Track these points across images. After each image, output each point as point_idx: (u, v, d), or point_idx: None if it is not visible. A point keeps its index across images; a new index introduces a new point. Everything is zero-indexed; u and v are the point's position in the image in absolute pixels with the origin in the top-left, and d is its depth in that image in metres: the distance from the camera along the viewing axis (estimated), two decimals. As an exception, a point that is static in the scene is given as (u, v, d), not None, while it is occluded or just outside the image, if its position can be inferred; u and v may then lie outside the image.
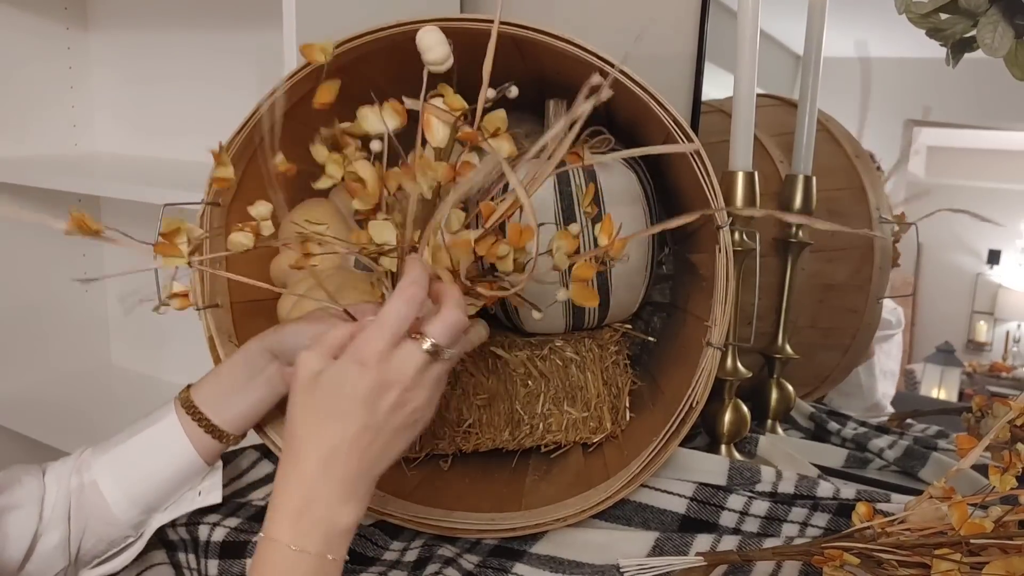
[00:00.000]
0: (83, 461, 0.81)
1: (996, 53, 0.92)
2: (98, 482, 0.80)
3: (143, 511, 0.83)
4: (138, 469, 0.81)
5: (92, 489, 0.80)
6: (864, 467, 1.07)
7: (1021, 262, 1.06)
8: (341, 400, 0.57)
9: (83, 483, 0.80)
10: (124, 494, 0.81)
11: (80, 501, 0.80)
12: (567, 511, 0.87)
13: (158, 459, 0.81)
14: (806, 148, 1.07)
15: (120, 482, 0.81)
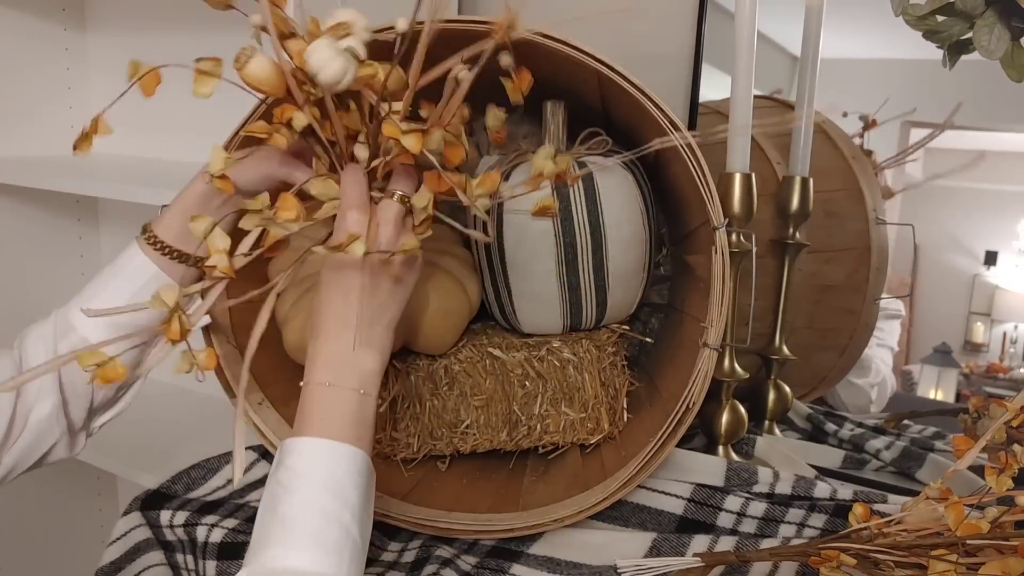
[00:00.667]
0: (63, 323, 0.81)
1: (992, 55, 0.92)
2: (89, 338, 0.79)
3: (140, 350, 0.83)
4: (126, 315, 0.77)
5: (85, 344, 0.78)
6: (861, 468, 1.08)
7: (1018, 263, 1.06)
8: (340, 272, 0.69)
9: (74, 343, 0.80)
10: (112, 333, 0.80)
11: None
12: (564, 512, 0.87)
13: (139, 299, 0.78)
14: (803, 149, 1.07)
15: (114, 331, 0.78)
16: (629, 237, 0.93)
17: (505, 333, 1.01)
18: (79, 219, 1.64)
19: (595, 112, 0.99)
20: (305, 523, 0.62)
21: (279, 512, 0.62)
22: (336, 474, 0.64)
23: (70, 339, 0.80)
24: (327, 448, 0.65)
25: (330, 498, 0.63)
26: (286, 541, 0.61)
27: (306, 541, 0.61)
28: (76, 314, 0.80)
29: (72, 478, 1.67)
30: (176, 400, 1.54)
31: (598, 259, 0.92)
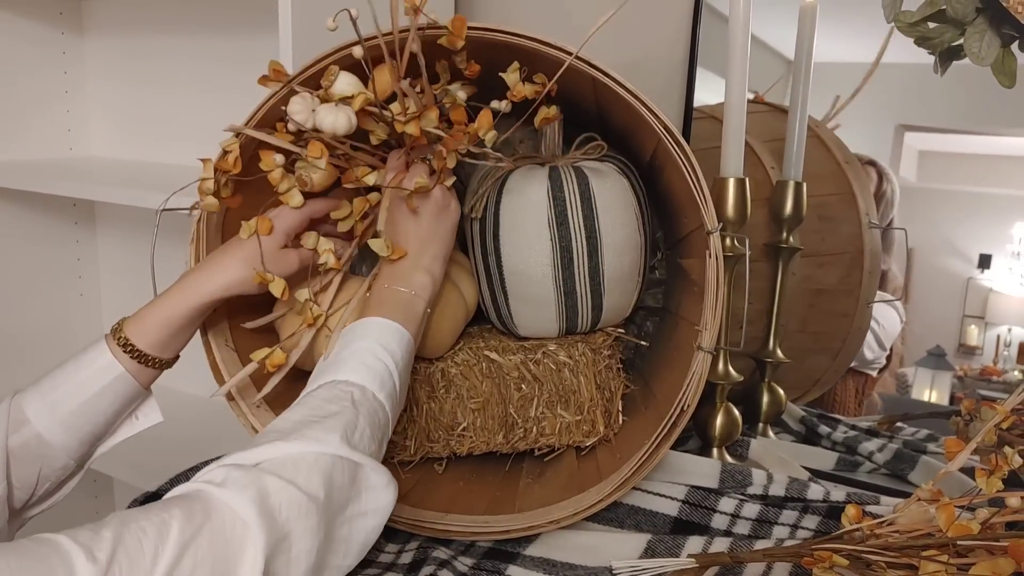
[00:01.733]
0: (17, 413, 0.80)
1: (983, 62, 0.93)
2: (43, 434, 0.80)
3: (89, 445, 0.84)
4: (81, 413, 0.81)
5: (38, 441, 0.80)
6: (854, 470, 1.08)
7: (1012, 266, 1.07)
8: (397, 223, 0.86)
9: (26, 438, 0.79)
10: (70, 436, 0.81)
11: (27, 454, 0.80)
12: (560, 513, 0.88)
13: (100, 400, 0.82)
14: (797, 154, 1.07)
15: (65, 427, 0.80)
16: (624, 242, 0.93)
17: (501, 336, 1.01)
18: (76, 222, 1.65)
19: (591, 117, 1.00)
20: (354, 358, 0.75)
21: (332, 358, 0.76)
22: (385, 337, 0.78)
23: (22, 432, 0.79)
24: (380, 322, 0.79)
25: (377, 346, 0.76)
26: (337, 370, 0.74)
27: (355, 366, 0.74)
28: (32, 406, 0.80)
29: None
30: (173, 403, 1.54)
31: (594, 263, 0.93)
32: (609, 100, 0.88)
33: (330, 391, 0.72)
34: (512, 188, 0.92)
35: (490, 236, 0.93)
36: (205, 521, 0.56)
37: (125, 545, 0.52)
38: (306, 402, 0.71)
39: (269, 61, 0.86)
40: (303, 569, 0.61)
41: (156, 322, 0.82)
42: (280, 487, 0.60)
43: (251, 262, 0.83)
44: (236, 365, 0.95)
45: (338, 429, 0.67)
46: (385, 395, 0.74)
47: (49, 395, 0.81)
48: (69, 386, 0.81)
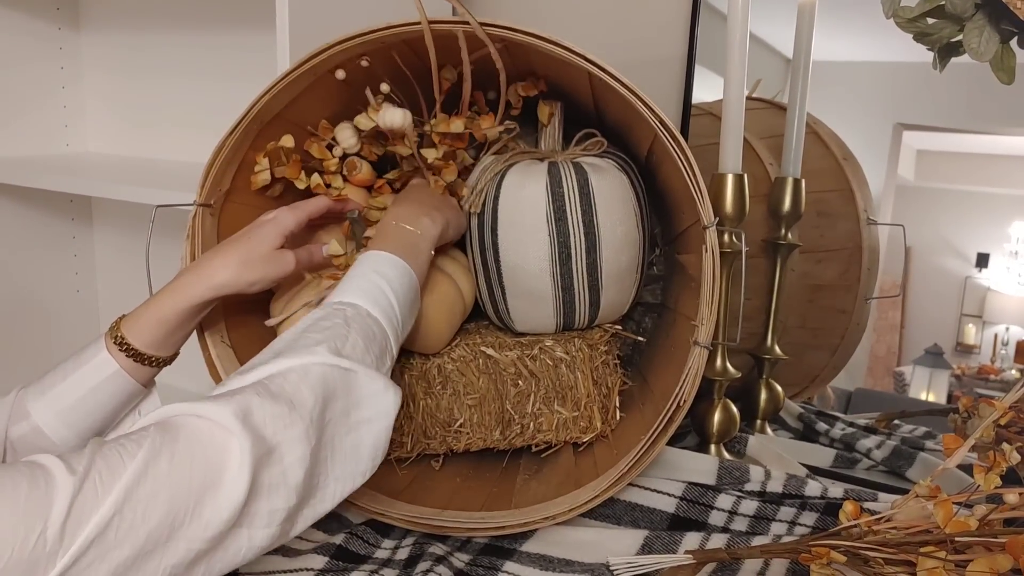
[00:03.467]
0: (19, 408, 0.81)
1: (982, 58, 0.93)
2: (42, 427, 0.80)
3: (84, 438, 0.84)
4: (79, 408, 0.82)
5: (37, 434, 0.80)
6: (852, 467, 1.08)
7: (1009, 265, 1.07)
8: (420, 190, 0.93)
9: (25, 431, 0.80)
10: (70, 431, 0.82)
11: (27, 447, 0.80)
12: (557, 509, 0.88)
13: (97, 395, 0.82)
14: (795, 151, 1.07)
15: (65, 422, 0.81)
16: (623, 238, 0.93)
17: (498, 332, 1.01)
18: (73, 218, 1.64)
19: (588, 113, 0.99)
20: (352, 284, 0.77)
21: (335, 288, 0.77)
22: (386, 270, 0.79)
23: (22, 426, 0.80)
24: (383, 255, 0.81)
25: (378, 278, 0.78)
26: (332, 296, 0.76)
27: (352, 290, 0.76)
28: (33, 401, 0.81)
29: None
30: (169, 398, 1.53)
31: (592, 259, 0.92)
32: (605, 96, 0.88)
33: (321, 312, 0.73)
34: (511, 183, 0.92)
35: (488, 231, 0.93)
36: (182, 429, 0.58)
37: (104, 456, 0.54)
38: (298, 325, 0.72)
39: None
40: (299, 476, 0.62)
41: (151, 321, 0.82)
42: (260, 403, 0.61)
43: (245, 263, 0.83)
44: (232, 362, 0.95)
45: (325, 342, 0.68)
46: (379, 312, 0.75)
47: (49, 391, 0.81)
48: (67, 382, 0.82)
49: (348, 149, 0.94)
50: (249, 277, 0.84)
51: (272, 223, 0.86)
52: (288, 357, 0.66)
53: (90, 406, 0.82)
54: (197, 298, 0.82)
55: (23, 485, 0.51)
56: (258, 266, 0.84)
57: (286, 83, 0.85)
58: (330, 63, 0.86)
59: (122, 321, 0.83)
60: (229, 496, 0.58)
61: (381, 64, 0.88)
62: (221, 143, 0.88)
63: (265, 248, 0.85)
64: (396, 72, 0.90)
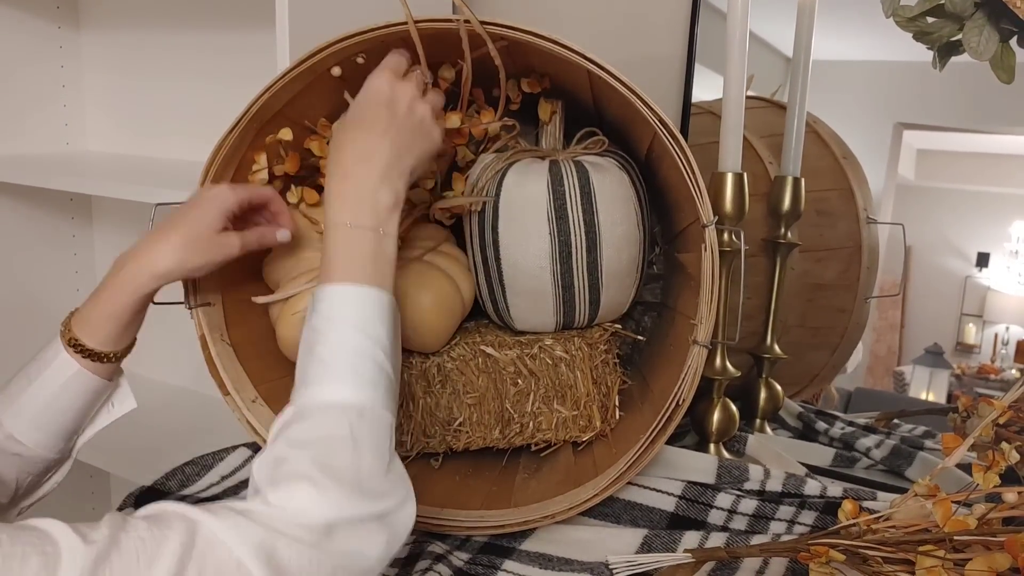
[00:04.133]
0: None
1: (982, 57, 0.93)
2: (13, 434, 0.80)
3: (65, 439, 0.84)
4: (48, 410, 0.81)
5: (11, 441, 0.80)
6: (851, 466, 1.08)
7: (1009, 265, 1.07)
8: (367, 110, 0.75)
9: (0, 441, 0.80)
10: (43, 433, 0.81)
11: (2, 453, 0.80)
12: (556, 508, 0.88)
13: (64, 397, 0.81)
14: (795, 150, 1.07)
15: (36, 426, 0.81)
16: (623, 237, 0.93)
17: (498, 331, 1.01)
18: (73, 217, 1.64)
19: (588, 112, 0.99)
20: (341, 360, 0.67)
21: (315, 353, 0.67)
22: (364, 315, 0.69)
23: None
24: (352, 292, 0.69)
25: (362, 337, 0.67)
26: (324, 378, 0.66)
27: (344, 375, 0.66)
28: (2, 409, 0.80)
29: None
30: (168, 397, 1.54)
31: (592, 258, 0.92)
32: (605, 94, 0.88)
33: (323, 420, 0.65)
34: (512, 181, 0.92)
35: (489, 229, 0.93)
36: (207, 554, 0.54)
37: (121, 546, 0.51)
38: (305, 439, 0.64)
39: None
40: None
41: (101, 319, 0.80)
42: (287, 543, 0.57)
43: (187, 247, 0.79)
44: (232, 360, 0.95)
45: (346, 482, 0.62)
46: (384, 400, 0.67)
47: (16, 397, 0.81)
48: (32, 387, 0.80)
49: None
50: (193, 263, 0.80)
51: (212, 202, 0.80)
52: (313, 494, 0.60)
53: (59, 407, 0.81)
54: (143, 289, 0.79)
55: (32, 561, 0.48)
56: (201, 251, 0.80)
57: (285, 81, 0.85)
58: (329, 62, 0.86)
59: (72, 320, 0.81)
60: None
61: (375, 65, 0.88)
62: (220, 141, 0.88)
63: (207, 230, 0.80)
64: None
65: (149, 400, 1.51)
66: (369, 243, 0.71)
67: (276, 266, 0.96)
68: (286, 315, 0.92)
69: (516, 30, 0.80)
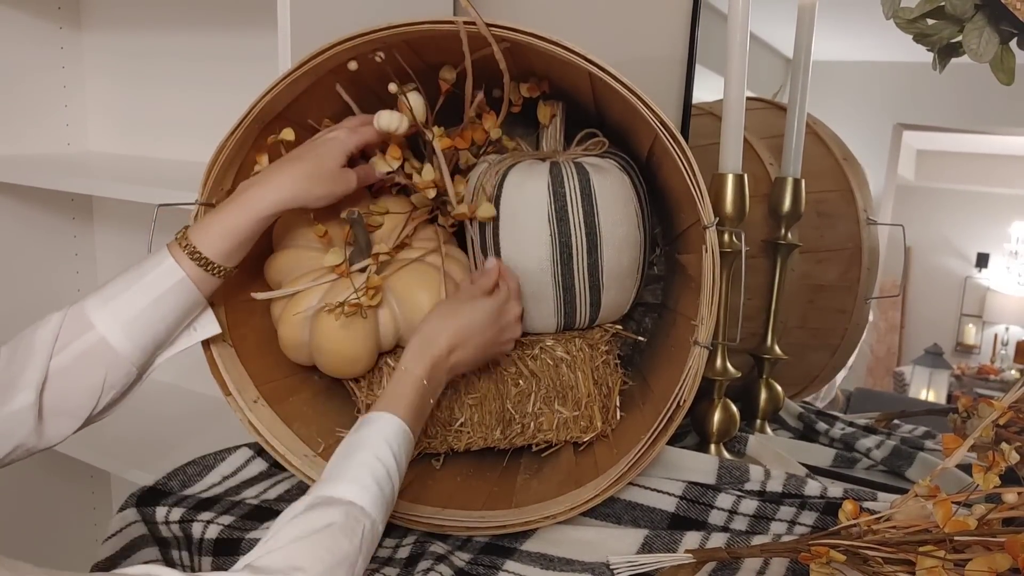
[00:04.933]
0: (81, 320, 0.80)
1: (981, 59, 0.93)
2: (107, 337, 0.80)
3: (150, 353, 0.84)
4: (142, 319, 0.82)
5: (103, 346, 0.80)
6: (852, 466, 1.08)
7: (1009, 265, 1.07)
8: (484, 313, 0.87)
9: (92, 343, 0.80)
10: (133, 343, 0.81)
11: (93, 360, 0.80)
12: (557, 508, 0.88)
13: (161, 306, 0.82)
14: (795, 151, 1.07)
15: (127, 335, 0.81)
16: (624, 238, 0.93)
17: (499, 332, 1.01)
18: (74, 218, 1.65)
19: (589, 113, 1.00)
20: (374, 474, 0.73)
21: (355, 458, 0.74)
22: (402, 447, 0.77)
23: (87, 338, 0.80)
24: (402, 429, 0.78)
25: (395, 464, 0.76)
26: (358, 481, 0.72)
27: (371, 487, 0.72)
28: (96, 312, 0.80)
29: (65, 475, 1.68)
30: (170, 398, 1.54)
31: (593, 259, 0.92)
32: (606, 96, 0.88)
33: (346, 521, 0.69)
34: (513, 183, 0.92)
35: (489, 230, 0.93)
36: None
37: None
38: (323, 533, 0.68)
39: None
40: None
41: (221, 232, 0.82)
42: None
43: (312, 178, 0.85)
44: (233, 360, 0.96)
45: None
46: (384, 521, 0.74)
47: (111, 301, 0.81)
48: (132, 291, 0.81)
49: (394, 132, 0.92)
50: (316, 192, 0.85)
51: (336, 142, 0.87)
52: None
53: (153, 317, 0.82)
54: (266, 211, 0.83)
55: None
56: (325, 182, 0.86)
57: (287, 83, 0.86)
58: (332, 63, 0.86)
59: (188, 231, 0.83)
60: None
61: (385, 64, 0.89)
62: (223, 142, 0.89)
63: (331, 165, 0.86)
64: (399, 72, 0.91)
65: (150, 400, 1.52)
66: (427, 404, 0.83)
67: (277, 266, 0.96)
68: (288, 316, 0.92)
69: (517, 32, 0.80)
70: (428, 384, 0.83)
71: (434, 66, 0.91)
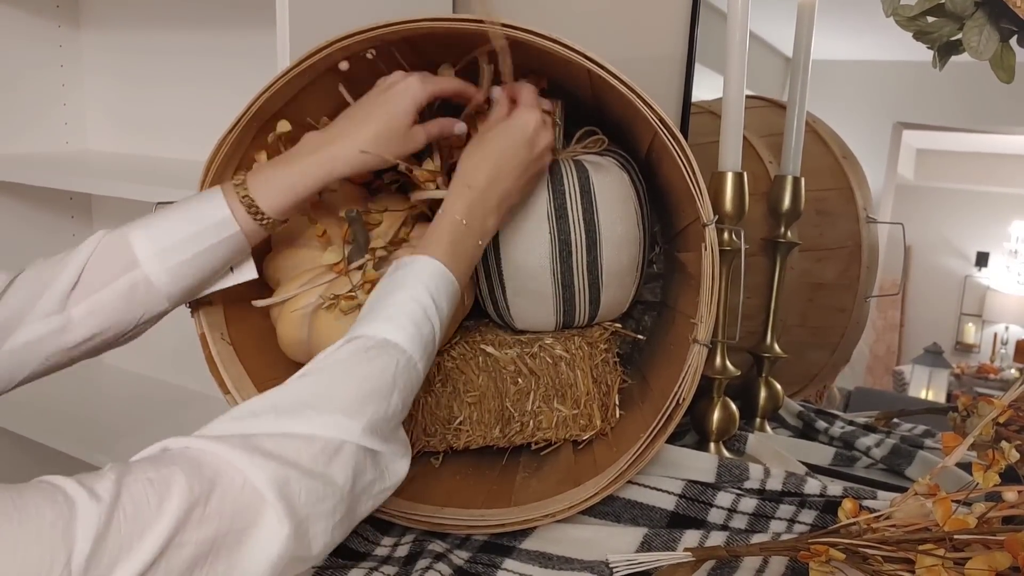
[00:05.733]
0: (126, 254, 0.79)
1: (981, 56, 0.93)
2: (151, 278, 0.80)
3: (188, 293, 0.84)
4: (189, 265, 0.80)
5: (147, 286, 0.80)
6: (851, 465, 1.08)
7: (1009, 264, 1.07)
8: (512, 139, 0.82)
9: (136, 281, 0.79)
10: (175, 286, 0.81)
11: (134, 297, 0.80)
12: (556, 507, 0.88)
13: (209, 255, 0.81)
14: (795, 149, 1.07)
15: (172, 277, 0.80)
16: (623, 236, 0.93)
17: (498, 330, 1.01)
18: (73, 216, 1.64)
19: (588, 111, 0.99)
20: (410, 312, 0.71)
21: (392, 298, 0.72)
22: (441, 290, 0.75)
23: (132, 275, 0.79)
24: (441, 270, 0.75)
25: (431, 304, 0.73)
26: (393, 319, 0.70)
27: (407, 325, 0.71)
28: (143, 249, 0.79)
29: (62, 472, 1.67)
30: (170, 396, 1.54)
31: (592, 257, 0.92)
32: (605, 93, 0.88)
33: (379, 355, 0.68)
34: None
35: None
36: (216, 484, 0.55)
37: (130, 491, 0.51)
38: (352, 361, 0.68)
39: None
40: (320, 546, 0.61)
41: (284, 190, 0.80)
42: (297, 477, 0.59)
43: (386, 139, 0.81)
44: (232, 358, 0.95)
45: (365, 413, 0.65)
46: (425, 361, 0.72)
47: (160, 240, 0.80)
48: (183, 236, 0.80)
49: None
50: (387, 154, 0.82)
51: (407, 95, 0.82)
52: (324, 415, 0.63)
53: (202, 263, 0.81)
54: (334, 173, 0.81)
55: (46, 512, 0.48)
56: (395, 143, 0.82)
57: (286, 80, 0.85)
58: (330, 60, 0.86)
59: (249, 180, 0.80)
60: (257, 567, 0.56)
61: (382, 62, 0.88)
62: (221, 140, 0.88)
63: (401, 124, 0.82)
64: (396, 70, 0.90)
65: (149, 399, 1.52)
66: (471, 246, 0.80)
67: (276, 265, 0.96)
68: (286, 314, 0.92)
69: (518, 29, 0.80)
70: (468, 224, 0.78)
71: (433, 63, 0.91)
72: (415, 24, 0.81)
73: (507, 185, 0.82)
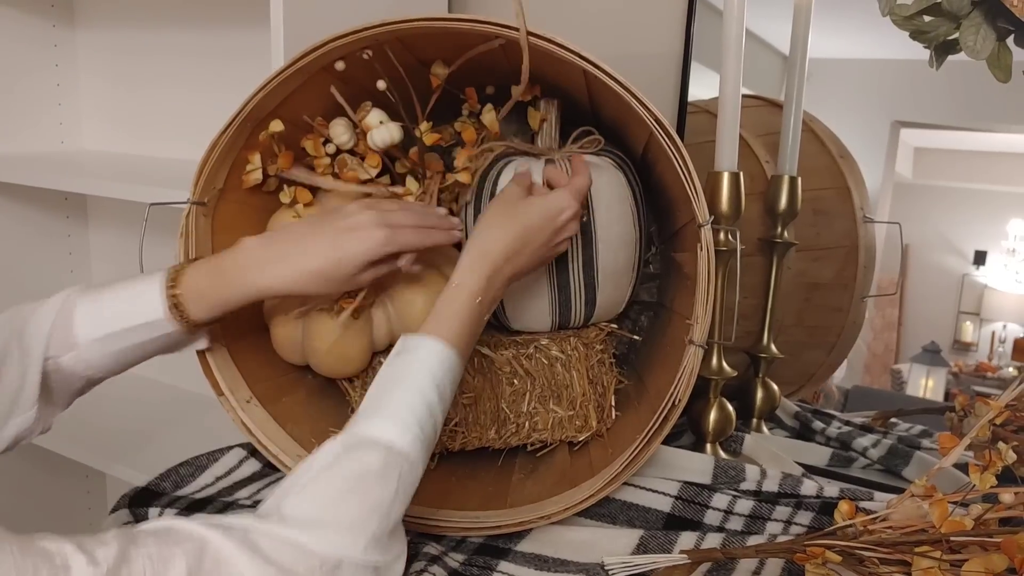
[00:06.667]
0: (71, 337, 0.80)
1: (978, 56, 0.92)
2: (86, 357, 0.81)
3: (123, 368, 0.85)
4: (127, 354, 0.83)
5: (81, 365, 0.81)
6: (848, 466, 1.08)
7: (1007, 263, 1.07)
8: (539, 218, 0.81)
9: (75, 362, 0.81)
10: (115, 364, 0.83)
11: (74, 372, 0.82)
12: (552, 508, 0.87)
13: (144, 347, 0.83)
14: (792, 148, 1.07)
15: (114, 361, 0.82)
16: (619, 237, 0.93)
17: (493, 331, 1.01)
18: (68, 216, 1.64)
19: (584, 110, 0.99)
20: (415, 410, 0.70)
21: (396, 393, 0.71)
22: (447, 376, 0.73)
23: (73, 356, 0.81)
24: (449, 357, 0.73)
25: (437, 397, 0.72)
26: (395, 418, 0.69)
27: (411, 425, 0.69)
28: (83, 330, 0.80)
29: (60, 475, 1.67)
30: (165, 398, 1.53)
31: (588, 258, 0.92)
32: (601, 93, 0.87)
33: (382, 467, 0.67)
34: (507, 180, 0.92)
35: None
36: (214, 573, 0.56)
37: (130, 567, 0.52)
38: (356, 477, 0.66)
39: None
40: None
41: (216, 302, 0.80)
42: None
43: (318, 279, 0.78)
44: (226, 360, 0.95)
45: (371, 530, 0.65)
46: (426, 457, 0.71)
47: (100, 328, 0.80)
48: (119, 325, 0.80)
49: (342, 145, 0.92)
50: (320, 292, 0.83)
51: (364, 244, 0.78)
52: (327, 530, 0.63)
53: (135, 353, 0.83)
54: (271, 294, 0.82)
55: (36, 564, 0.49)
56: (337, 284, 0.80)
57: (279, 80, 0.85)
58: (324, 60, 0.86)
59: (183, 286, 0.80)
60: None
61: (376, 61, 0.88)
62: (215, 141, 0.88)
63: (350, 271, 0.79)
64: (390, 70, 0.90)
65: (145, 400, 1.51)
66: (480, 320, 0.78)
67: None
68: (280, 315, 0.92)
69: (513, 28, 0.80)
70: (482, 301, 0.76)
71: (426, 63, 0.90)
72: (410, 24, 0.81)
73: (523, 263, 0.81)
